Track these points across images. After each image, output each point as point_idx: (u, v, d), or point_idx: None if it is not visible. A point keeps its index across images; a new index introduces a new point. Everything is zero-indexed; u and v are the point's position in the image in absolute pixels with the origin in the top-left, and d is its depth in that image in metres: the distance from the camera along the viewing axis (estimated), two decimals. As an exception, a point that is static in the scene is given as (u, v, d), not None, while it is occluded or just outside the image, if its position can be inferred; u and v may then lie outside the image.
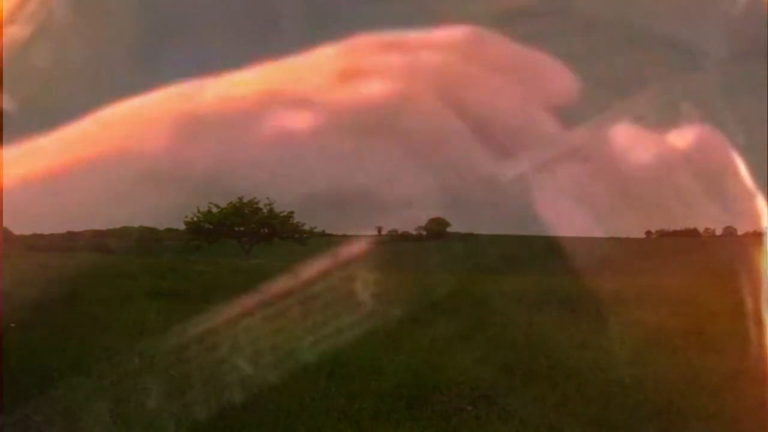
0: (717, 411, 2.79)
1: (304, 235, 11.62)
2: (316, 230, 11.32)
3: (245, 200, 11.36)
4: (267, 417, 2.79)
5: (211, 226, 11.50)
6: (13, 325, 3.48)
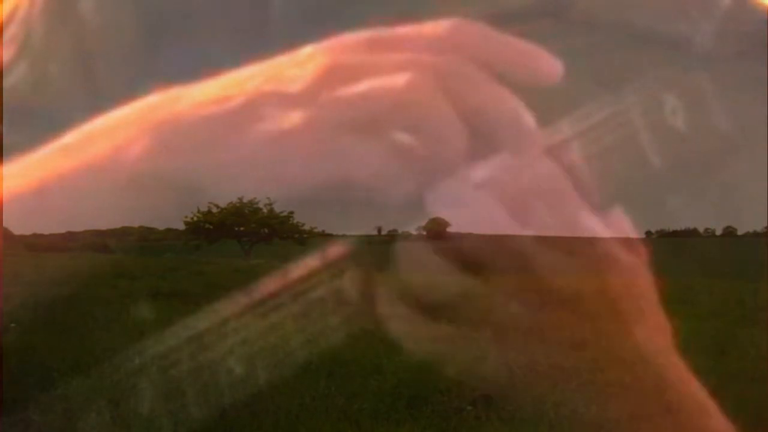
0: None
1: (304, 236, 11.63)
2: (315, 230, 11.34)
3: (245, 200, 11.37)
4: (267, 417, 2.80)
5: (211, 226, 11.50)
6: (13, 325, 3.48)
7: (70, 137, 0.47)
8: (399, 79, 0.43)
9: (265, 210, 11.69)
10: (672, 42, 0.50)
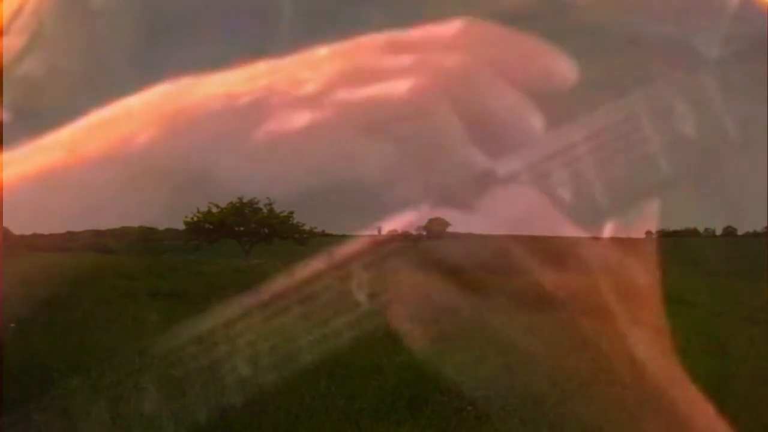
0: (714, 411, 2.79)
1: (304, 236, 11.64)
2: (316, 230, 11.35)
3: (245, 200, 11.37)
4: (267, 417, 2.80)
5: (211, 226, 11.50)
6: (13, 325, 3.48)
7: (74, 129, 0.47)
8: (406, 84, 0.43)
9: (265, 210, 11.69)
10: (671, 42, 0.50)
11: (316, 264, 0.52)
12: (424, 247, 0.48)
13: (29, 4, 0.53)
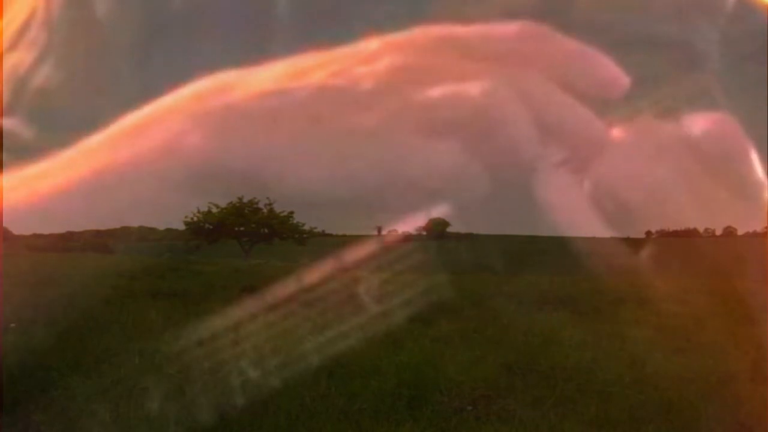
0: (714, 412, 2.79)
1: (304, 236, 11.64)
2: (316, 230, 11.36)
3: (245, 200, 11.38)
4: (267, 417, 2.79)
5: (211, 226, 11.51)
6: (13, 325, 3.48)
7: (117, 127, 0.47)
8: (474, 87, 0.44)
9: (265, 210, 11.70)
10: (673, 43, 0.50)
11: (316, 264, 0.52)
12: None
13: (37, 16, 0.54)
